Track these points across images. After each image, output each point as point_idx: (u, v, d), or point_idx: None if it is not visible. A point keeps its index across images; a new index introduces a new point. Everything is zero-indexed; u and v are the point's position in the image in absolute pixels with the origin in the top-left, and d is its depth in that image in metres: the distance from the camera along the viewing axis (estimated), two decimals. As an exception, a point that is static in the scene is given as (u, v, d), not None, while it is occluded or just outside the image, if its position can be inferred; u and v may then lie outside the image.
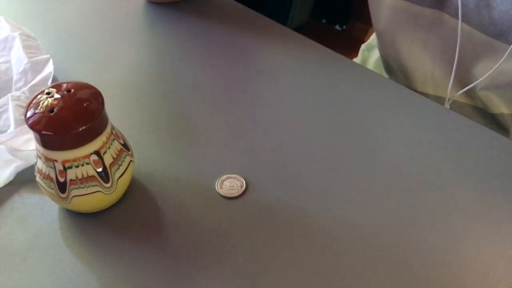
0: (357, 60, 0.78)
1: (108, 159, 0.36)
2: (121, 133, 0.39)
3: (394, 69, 0.68)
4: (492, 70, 0.52)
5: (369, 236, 0.38)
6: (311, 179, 0.42)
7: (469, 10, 0.51)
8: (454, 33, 0.55)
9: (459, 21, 0.52)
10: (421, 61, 0.61)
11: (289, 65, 0.54)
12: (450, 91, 0.59)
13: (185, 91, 0.51)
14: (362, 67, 0.54)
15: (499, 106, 0.58)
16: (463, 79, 0.59)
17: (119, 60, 0.55)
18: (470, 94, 0.60)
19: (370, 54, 0.77)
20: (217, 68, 0.54)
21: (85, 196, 0.36)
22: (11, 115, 0.44)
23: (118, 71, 0.54)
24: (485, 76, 0.53)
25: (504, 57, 0.50)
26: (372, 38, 0.78)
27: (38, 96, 0.35)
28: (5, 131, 0.43)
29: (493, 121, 0.61)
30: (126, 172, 0.38)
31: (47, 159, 0.35)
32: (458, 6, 0.52)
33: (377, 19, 0.64)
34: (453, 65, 0.57)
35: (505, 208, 0.40)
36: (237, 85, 0.52)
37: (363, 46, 0.78)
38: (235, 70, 0.54)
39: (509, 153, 0.44)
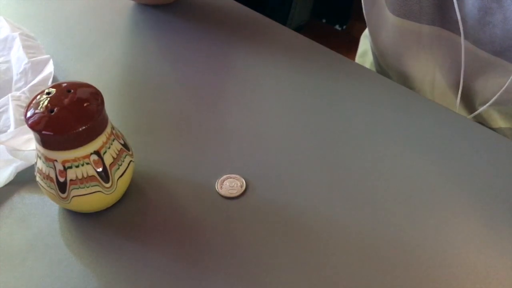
0: None
1: (108, 159, 0.36)
2: (121, 133, 0.39)
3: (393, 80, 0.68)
4: (501, 90, 0.51)
5: (369, 236, 0.38)
6: (311, 179, 0.42)
7: (469, 26, 0.51)
8: (453, 49, 0.55)
9: (461, 38, 0.51)
10: (421, 77, 0.61)
11: (288, 65, 0.54)
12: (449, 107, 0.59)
13: (185, 91, 0.51)
14: (362, 67, 0.54)
15: (497, 121, 0.58)
16: (462, 93, 0.59)
17: (119, 60, 0.55)
18: (469, 109, 0.60)
19: (365, 60, 0.77)
20: (217, 68, 0.54)
21: (85, 196, 0.36)
22: (11, 115, 0.44)
23: (118, 71, 0.54)
24: (495, 98, 0.52)
25: (511, 78, 0.49)
26: (363, 43, 0.77)
27: (38, 96, 0.35)
28: (5, 131, 0.43)
29: None
30: (126, 172, 0.38)
31: (47, 159, 0.35)
32: (457, 22, 0.51)
33: (376, 33, 0.64)
34: (452, 80, 0.57)
35: (505, 208, 0.40)
36: (237, 85, 0.52)
37: (358, 54, 0.78)
38: (234, 70, 0.54)
39: (508, 153, 0.44)
